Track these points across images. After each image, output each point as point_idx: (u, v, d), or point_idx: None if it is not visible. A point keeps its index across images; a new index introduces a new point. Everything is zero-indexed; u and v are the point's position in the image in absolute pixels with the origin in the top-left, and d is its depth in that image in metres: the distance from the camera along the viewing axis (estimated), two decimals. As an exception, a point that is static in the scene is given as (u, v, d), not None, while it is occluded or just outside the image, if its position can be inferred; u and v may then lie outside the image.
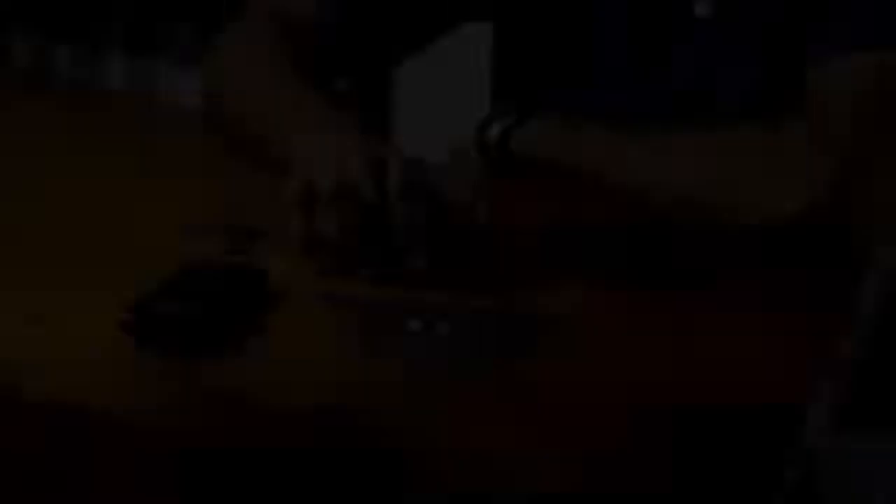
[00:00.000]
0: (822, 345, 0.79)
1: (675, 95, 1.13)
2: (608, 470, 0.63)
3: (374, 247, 0.85)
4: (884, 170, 0.92)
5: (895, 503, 0.48)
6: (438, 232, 0.86)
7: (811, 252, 0.95)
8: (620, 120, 1.09)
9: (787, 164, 0.93)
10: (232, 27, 1.23)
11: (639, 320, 0.83)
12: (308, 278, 0.85)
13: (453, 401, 0.68)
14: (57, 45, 2.54)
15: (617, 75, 1.18)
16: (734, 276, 0.93)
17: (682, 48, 1.12)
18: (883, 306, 0.43)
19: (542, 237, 0.99)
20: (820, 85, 0.99)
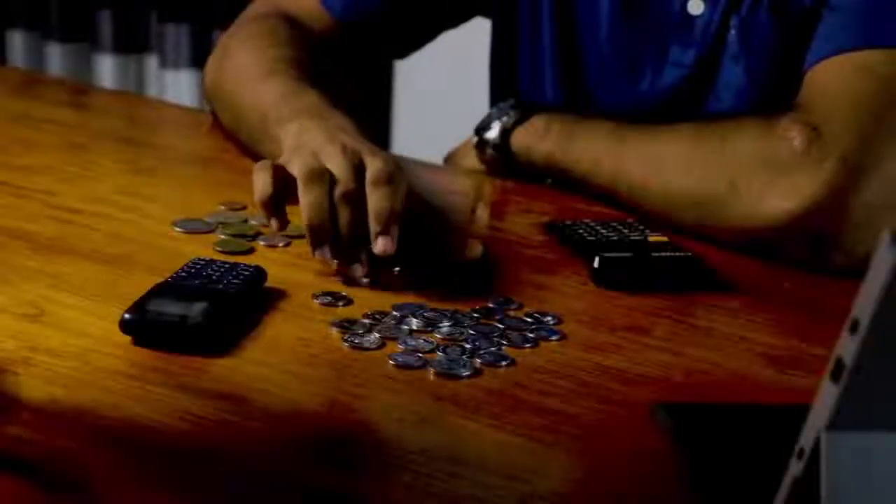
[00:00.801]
0: (823, 344, 0.79)
1: (671, 94, 1.14)
2: (608, 470, 0.63)
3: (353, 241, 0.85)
4: (880, 169, 0.92)
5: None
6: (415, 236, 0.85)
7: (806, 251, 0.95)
8: (617, 119, 1.09)
9: (783, 163, 0.93)
10: (235, 24, 1.23)
11: (637, 320, 0.83)
12: (308, 278, 0.85)
13: (449, 399, 0.68)
14: (50, 43, 2.54)
15: (612, 73, 1.18)
16: (734, 275, 0.93)
17: (676, 46, 1.13)
18: (884, 305, 0.43)
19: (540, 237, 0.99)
20: (814, 85, 0.99)
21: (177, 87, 2.44)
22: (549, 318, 0.81)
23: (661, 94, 1.14)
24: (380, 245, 0.82)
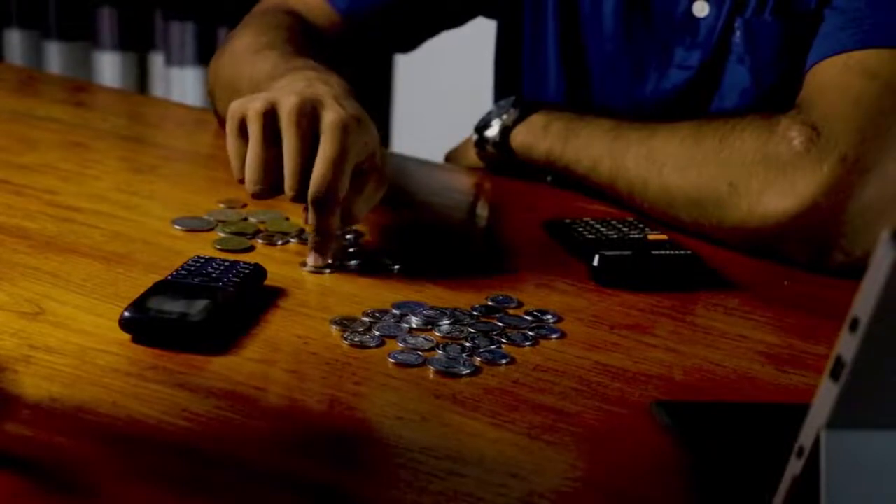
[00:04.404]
0: (822, 343, 0.79)
1: (675, 96, 1.14)
2: (608, 468, 0.63)
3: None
4: (879, 169, 0.92)
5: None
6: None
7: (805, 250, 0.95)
8: (617, 117, 1.09)
9: (783, 163, 0.93)
10: (241, 23, 1.23)
11: (636, 318, 0.83)
12: (307, 276, 0.85)
13: (450, 398, 0.68)
14: (50, 41, 2.53)
15: (616, 76, 1.18)
16: (733, 273, 0.93)
17: (681, 49, 1.12)
18: (884, 304, 0.43)
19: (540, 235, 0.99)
20: (814, 85, 0.99)
21: (182, 84, 2.44)
22: (549, 317, 0.81)
23: (665, 97, 1.14)
24: (311, 260, 0.86)
